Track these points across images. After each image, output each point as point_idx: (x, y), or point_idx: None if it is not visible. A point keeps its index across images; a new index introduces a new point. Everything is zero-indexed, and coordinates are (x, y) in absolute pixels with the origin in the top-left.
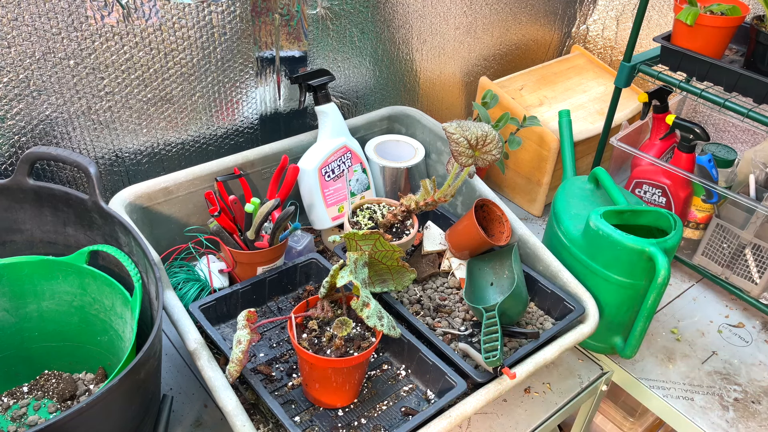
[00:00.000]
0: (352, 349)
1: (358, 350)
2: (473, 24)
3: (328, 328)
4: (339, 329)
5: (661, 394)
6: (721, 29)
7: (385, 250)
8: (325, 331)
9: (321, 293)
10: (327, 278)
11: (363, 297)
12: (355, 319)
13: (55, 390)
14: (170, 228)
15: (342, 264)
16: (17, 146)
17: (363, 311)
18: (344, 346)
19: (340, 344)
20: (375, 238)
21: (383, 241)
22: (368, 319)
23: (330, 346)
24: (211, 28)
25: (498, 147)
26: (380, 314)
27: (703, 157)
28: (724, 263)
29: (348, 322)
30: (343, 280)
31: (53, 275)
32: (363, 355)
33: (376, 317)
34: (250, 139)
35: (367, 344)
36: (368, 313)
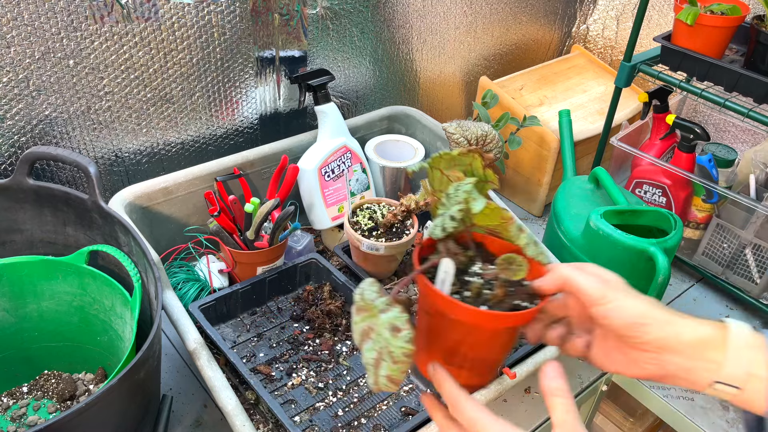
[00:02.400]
0: (514, 300)
1: (527, 301)
2: (473, 24)
3: (466, 276)
4: (507, 271)
5: (661, 394)
6: (721, 29)
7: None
8: (462, 279)
9: (436, 234)
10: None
11: (516, 221)
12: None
13: (55, 390)
14: (170, 228)
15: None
16: (17, 146)
17: (519, 238)
18: (506, 297)
19: (503, 294)
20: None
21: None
22: (527, 247)
23: (480, 299)
24: (210, 28)
25: (498, 147)
26: (534, 240)
27: (703, 157)
28: (725, 263)
29: (518, 259)
30: (479, 203)
31: (53, 275)
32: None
33: (533, 245)
34: (249, 139)
35: (533, 292)
36: (526, 240)
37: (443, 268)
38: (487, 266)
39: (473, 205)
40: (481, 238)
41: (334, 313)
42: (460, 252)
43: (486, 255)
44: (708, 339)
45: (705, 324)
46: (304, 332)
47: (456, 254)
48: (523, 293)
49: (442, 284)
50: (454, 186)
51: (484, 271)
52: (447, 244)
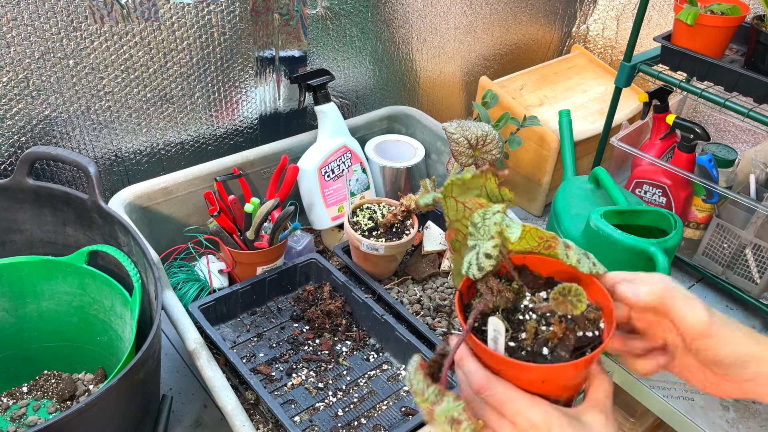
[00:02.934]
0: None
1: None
2: (473, 23)
3: (519, 315)
4: (564, 305)
5: (662, 394)
6: (721, 29)
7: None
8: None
9: (474, 274)
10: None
11: (560, 240)
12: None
13: (55, 390)
14: (170, 228)
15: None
16: (17, 146)
17: (569, 257)
18: (567, 332)
19: (562, 330)
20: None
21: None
22: (580, 264)
23: (537, 340)
24: (210, 28)
25: (498, 147)
26: (583, 253)
27: (703, 157)
28: (725, 263)
29: (573, 288)
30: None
31: (53, 275)
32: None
33: (585, 258)
34: (249, 139)
35: (595, 314)
36: (577, 257)
37: (492, 327)
38: (538, 297)
39: (510, 234)
40: (521, 260)
41: (334, 313)
42: (504, 288)
43: (532, 279)
44: None
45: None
46: (304, 332)
47: (500, 291)
48: (585, 320)
49: (495, 343)
50: (480, 214)
51: (537, 304)
52: (487, 281)
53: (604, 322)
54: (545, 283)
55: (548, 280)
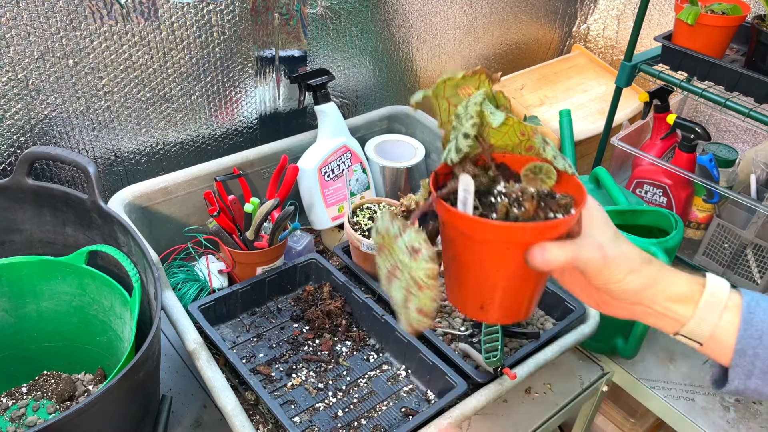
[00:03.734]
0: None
1: (561, 212)
2: (474, 23)
3: (491, 198)
4: (535, 181)
5: (662, 394)
6: (722, 29)
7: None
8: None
9: (452, 159)
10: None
11: (540, 134)
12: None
13: (54, 390)
14: (169, 228)
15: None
16: (16, 146)
17: (547, 151)
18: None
19: (534, 208)
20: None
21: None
22: (555, 160)
23: (509, 218)
24: (210, 28)
25: None
26: (559, 154)
27: (704, 157)
28: (725, 263)
29: (544, 167)
30: (499, 117)
31: (52, 275)
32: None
33: (560, 157)
34: (249, 138)
35: (567, 201)
36: (554, 153)
37: (462, 186)
38: (512, 184)
39: (492, 119)
40: (501, 157)
41: (334, 313)
42: (480, 172)
43: (509, 174)
44: (681, 296)
45: (682, 282)
46: (304, 332)
47: (476, 176)
48: (556, 205)
49: (464, 205)
50: (463, 103)
51: (510, 188)
52: (465, 166)
53: (575, 208)
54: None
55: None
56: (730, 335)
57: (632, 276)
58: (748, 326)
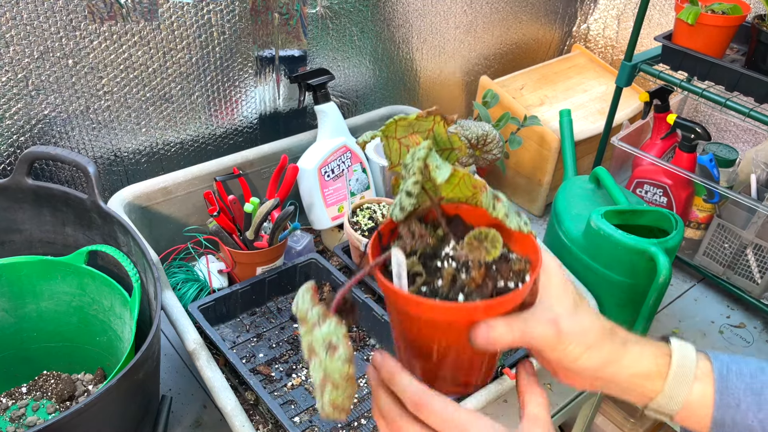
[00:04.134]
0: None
1: (514, 279)
2: (474, 23)
3: (438, 262)
4: (478, 250)
5: None
6: (722, 28)
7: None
8: (433, 266)
9: (396, 216)
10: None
11: (489, 190)
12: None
13: (54, 390)
14: (169, 228)
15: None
16: (16, 146)
17: (497, 209)
18: (486, 280)
19: (482, 277)
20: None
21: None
22: (507, 219)
23: (456, 287)
24: (209, 27)
25: (499, 146)
26: (514, 210)
27: (704, 157)
28: (726, 263)
29: (490, 234)
30: (444, 171)
31: (52, 275)
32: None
33: (514, 214)
34: (249, 138)
35: (521, 266)
36: (505, 210)
37: (394, 261)
38: (461, 245)
39: (436, 174)
40: (455, 209)
41: None
42: (427, 233)
43: (463, 228)
44: (647, 373)
45: (648, 356)
46: None
47: (422, 236)
48: (508, 270)
49: (399, 279)
50: (410, 153)
51: (458, 251)
52: (410, 225)
53: (530, 275)
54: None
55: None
56: (705, 406)
57: (590, 353)
58: (723, 395)
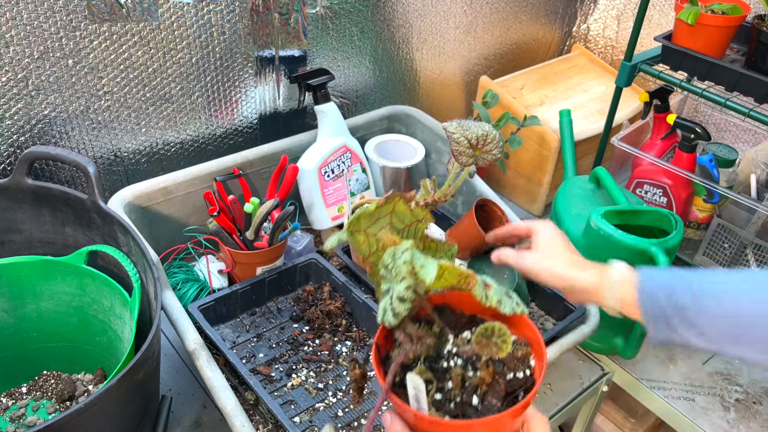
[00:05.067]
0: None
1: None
2: (473, 23)
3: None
4: (488, 347)
5: (662, 394)
6: (722, 29)
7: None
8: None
9: (389, 322)
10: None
11: (479, 279)
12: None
13: (54, 391)
14: (169, 228)
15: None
16: (16, 146)
17: (489, 297)
18: (496, 377)
19: (490, 375)
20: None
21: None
22: (501, 305)
23: (465, 389)
24: (210, 28)
25: (499, 146)
26: (504, 292)
27: (704, 157)
28: (726, 263)
29: (496, 328)
30: (431, 270)
31: (52, 275)
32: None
33: (506, 297)
34: (249, 138)
35: (524, 351)
36: (498, 296)
37: (411, 386)
38: (462, 339)
39: (424, 275)
40: (441, 298)
41: (334, 313)
42: (424, 333)
43: (454, 319)
44: (593, 285)
45: (594, 274)
46: (304, 333)
47: (420, 338)
48: (514, 361)
49: (417, 402)
50: (390, 253)
51: (461, 347)
52: (405, 328)
53: (534, 358)
54: (468, 321)
55: (471, 318)
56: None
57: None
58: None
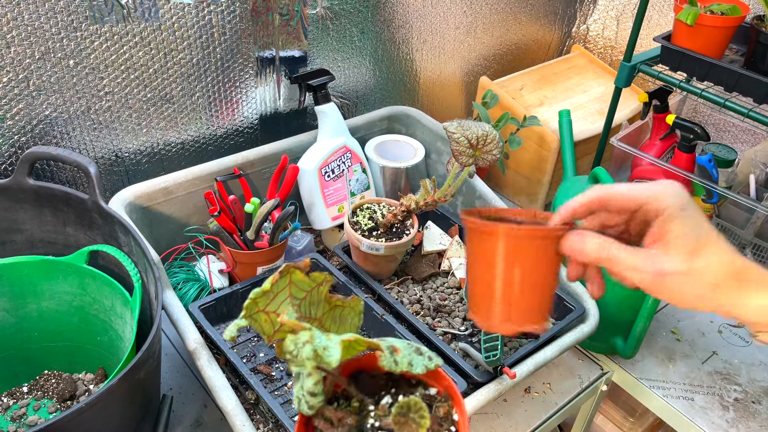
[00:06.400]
0: None
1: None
2: (473, 24)
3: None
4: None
5: (661, 394)
6: (721, 29)
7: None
8: None
9: (306, 412)
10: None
11: (385, 347)
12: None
13: (55, 390)
14: (170, 228)
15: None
16: (17, 146)
17: (399, 362)
18: None
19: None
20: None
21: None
22: (412, 367)
23: None
24: (210, 28)
25: (498, 147)
26: (414, 350)
27: (703, 157)
28: None
29: (411, 403)
30: (335, 352)
31: (53, 275)
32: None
33: (417, 356)
34: (249, 139)
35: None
36: (407, 359)
37: None
38: (383, 408)
39: (328, 358)
40: (355, 364)
41: None
42: (344, 413)
43: (372, 384)
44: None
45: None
46: None
47: (341, 419)
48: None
49: None
50: (291, 341)
51: (383, 418)
52: (323, 414)
53: (456, 411)
54: (386, 381)
55: (389, 376)
56: None
57: (697, 304)
58: None
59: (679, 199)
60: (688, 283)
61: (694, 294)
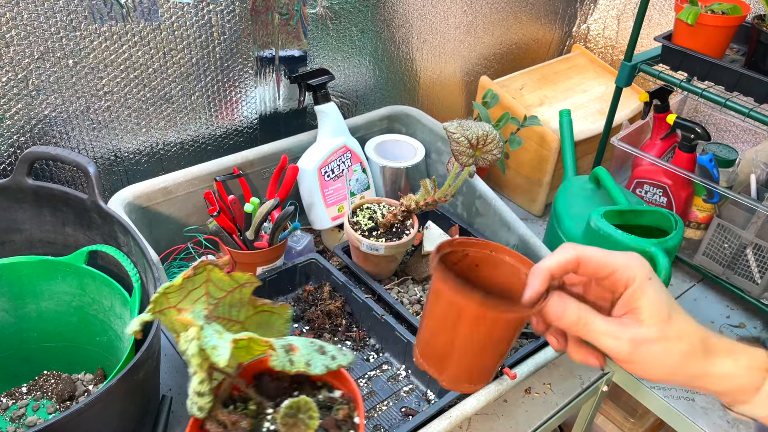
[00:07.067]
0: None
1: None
2: (473, 23)
3: None
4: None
5: (662, 394)
6: (722, 29)
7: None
8: None
9: (197, 415)
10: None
11: (278, 345)
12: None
13: (54, 390)
14: (169, 228)
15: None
16: (16, 146)
17: (295, 362)
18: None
19: None
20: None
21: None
22: (310, 367)
23: None
24: (210, 28)
25: (499, 147)
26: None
27: (704, 157)
28: (725, 263)
29: (302, 403)
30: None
31: (52, 275)
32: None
33: (317, 355)
34: (249, 138)
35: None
36: (305, 358)
37: None
38: (279, 411)
39: (216, 357)
40: (259, 365)
41: (334, 313)
42: (238, 417)
43: (274, 387)
44: (737, 388)
45: (741, 372)
46: (304, 333)
47: (234, 423)
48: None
49: None
50: (183, 338)
51: (279, 419)
52: (216, 416)
53: (357, 413)
54: (290, 384)
55: (294, 378)
56: None
57: (669, 376)
58: None
59: (646, 271)
60: (663, 351)
61: (668, 363)
